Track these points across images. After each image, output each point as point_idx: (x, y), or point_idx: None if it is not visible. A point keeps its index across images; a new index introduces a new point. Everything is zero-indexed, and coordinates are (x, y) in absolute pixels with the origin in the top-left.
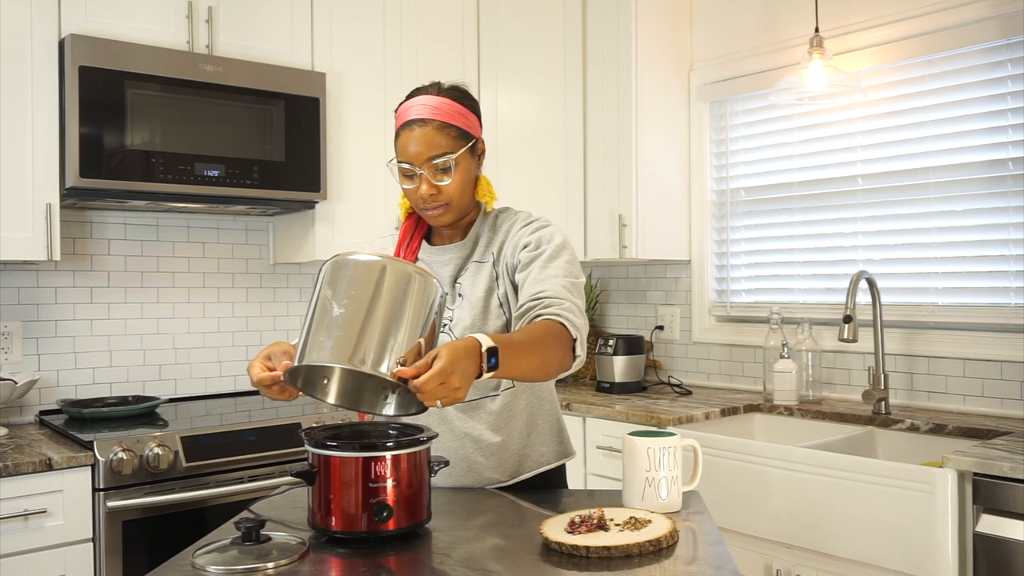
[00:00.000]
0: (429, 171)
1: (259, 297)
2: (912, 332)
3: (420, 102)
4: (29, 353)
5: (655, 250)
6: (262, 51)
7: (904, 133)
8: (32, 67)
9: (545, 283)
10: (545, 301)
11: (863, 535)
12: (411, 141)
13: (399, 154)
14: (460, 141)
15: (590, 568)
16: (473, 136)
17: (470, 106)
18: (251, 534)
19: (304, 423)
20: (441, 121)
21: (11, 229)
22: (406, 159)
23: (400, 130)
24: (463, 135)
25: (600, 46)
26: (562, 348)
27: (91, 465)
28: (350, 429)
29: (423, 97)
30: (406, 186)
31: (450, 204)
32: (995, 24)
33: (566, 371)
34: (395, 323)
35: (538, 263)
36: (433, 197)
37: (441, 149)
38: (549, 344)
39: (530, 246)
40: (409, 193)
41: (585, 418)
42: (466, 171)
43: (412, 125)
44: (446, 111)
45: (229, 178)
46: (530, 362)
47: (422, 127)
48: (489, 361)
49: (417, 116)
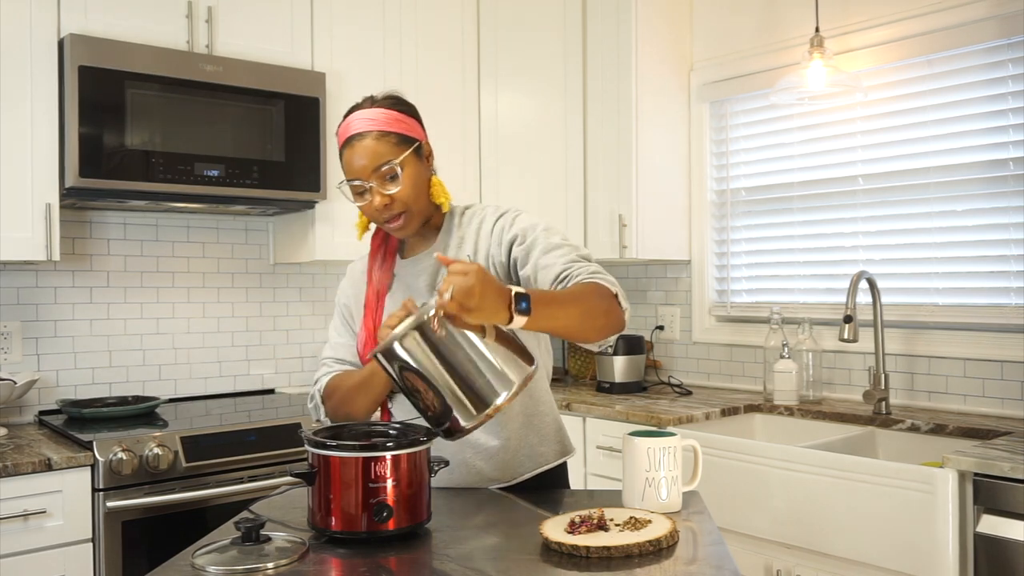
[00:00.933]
0: (377, 182)
1: (259, 297)
2: (912, 332)
3: (357, 117)
4: (29, 353)
5: (655, 250)
6: (262, 51)
7: (904, 133)
8: (32, 67)
9: (557, 266)
10: (565, 274)
11: (863, 535)
12: (354, 156)
13: (346, 172)
14: (402, 146)
15: (590, 568)
16: (415, 139)
17: (407, 111)
18: (251, 534)
19: (304, 423)
20: (379, 131)
21: (11, 229)
22: (352, 175)
23: (342, 150)
24: (404, 140)
25: (600, 46)
26: (605, 299)
27: (91, 465)
28: (350, 429)
29: (358, 112)
30: (359, 204)
31: (407, 211)
32: (995, 24)
33: (620, 326)
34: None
35: (536, 251)
36: (387, 208)
37: (384, 158)
38: (589, 296)
39: (518, 239)
40: (365, 210)
41: (585, 418)
42: (415, 175)
43: (352, 141)
44: (383, 120)
45: (229, 178)
46: (571, 312)
47: (361, 140)
48: (519, 305)
49: (356, 131)
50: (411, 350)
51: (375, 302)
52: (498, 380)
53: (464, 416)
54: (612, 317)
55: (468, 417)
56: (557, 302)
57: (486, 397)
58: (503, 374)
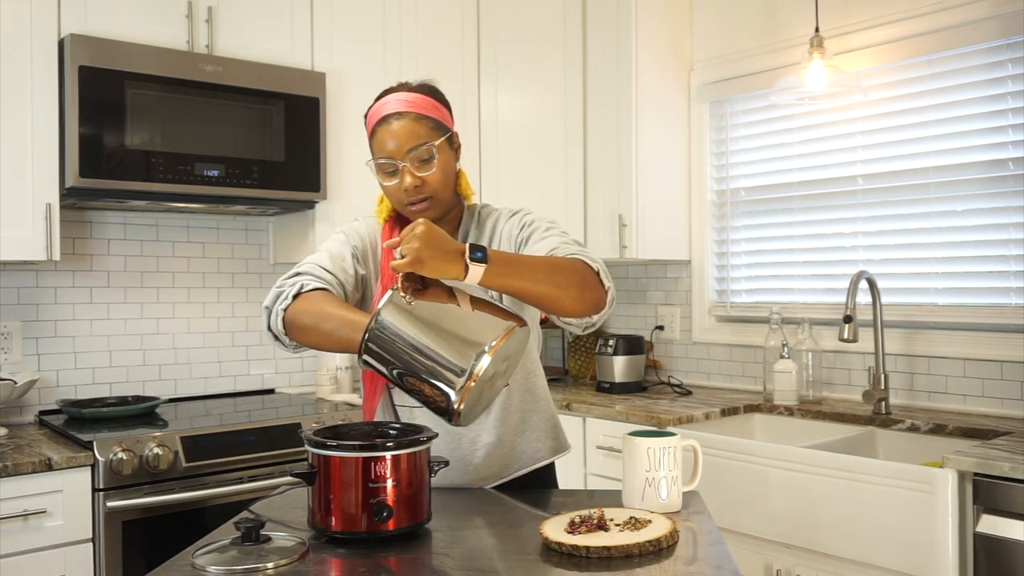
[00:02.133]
0: (411, 163)
1: (259, 297)
2: (912, 332)
3: (393, 98)
4: (29, 353)
5: (655, 250)
6: (262, 51)
7: (904, 133)
8: (32, 67)
9: (547, 247)
10: (552, 252)
11: (863, 535)
12: (389, 135)
13: (377, 151)
14: (438, 131)
15: (590, 568)
16: (448, 128)
17: (442, 101)
18: (251, 534)
19: (304, 423)
20: (417, 113)
21: (11, 229)
22: (385, 154)
23: (376, 127)
24: (439, 126)
25: (600, 47)
26: (582, 271)
27: (91, 465)
28: (350, 429)
29: (394, 94)
30: (387, 183)
31: (434, 197)
32: (995, 24)
33: (599, 302)
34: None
35: (534, 237)
36: (418, 189)
37: (421, 139)
38: (563, 264)
39: (524, 229)
40: (391, 190)
41: (585, 418)
42: (447, 162)
43: (388, 120)
44: (420, 104)
45: (229, 178)
46: (538, 273)
47: (399, 119)
48: (474, 254)
49: (392, 110)
50: (388, 327)
51: (395, 278)
52: (474, 339)
53: (450, 384)
54: (589, 289)
55: (454, 383)
56: (522, 260)
57: (464, 357)
58: (480, 331)
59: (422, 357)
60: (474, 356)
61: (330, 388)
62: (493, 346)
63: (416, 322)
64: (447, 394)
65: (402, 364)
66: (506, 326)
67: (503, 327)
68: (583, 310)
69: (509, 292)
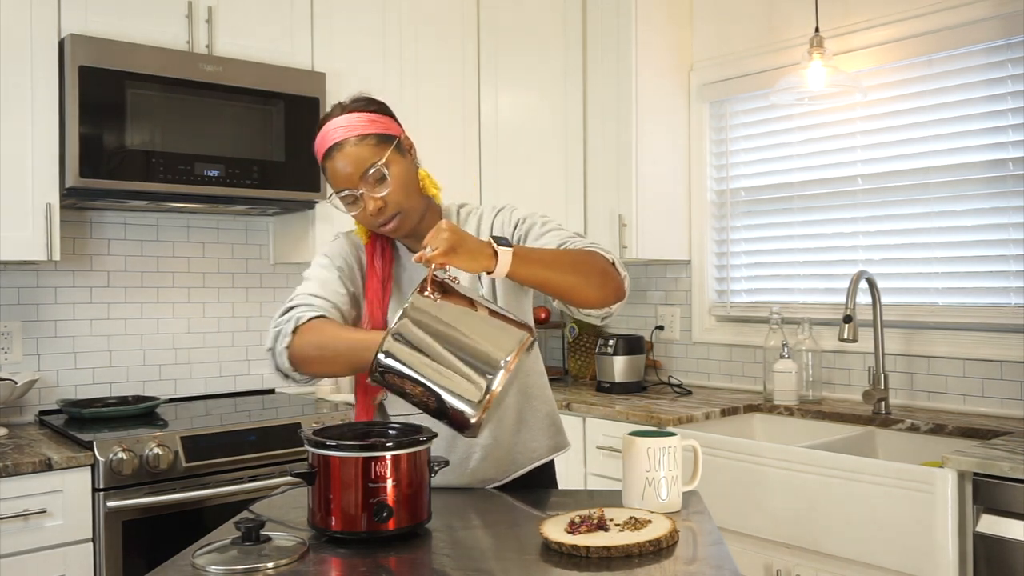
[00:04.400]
0: (366, 187)
1: (259, 297)
2: (912, 332)
3: (331, 127)
4: (29, 353)
5: (655, 250)
6: (262, 51)
7: (904, 133)
8: (32, 67)
9: (554, 242)
10: (562, 246)
11: (863, 535)
12: (337, 166)
13: (333, 185)
14: (383, 146)
15: (590, 568)
16: (394, 136)
17: (379, 109)
18: (251, 534)
19: (304, 423)
20: (357, 135)
21: (11, 229)
22: (340, 185)
23: (324, 163)
24: (384, 139)
25: (600, 46)
26: (601, 261)
27: (91, 465)
28: (350, 429)
29: (331, 123)
30: (353, 213)
31: (400, 211)
32: (995, 24)
33: (619, 290)
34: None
35: (534, 232)
36: (381, 211)
37: (368, 161)
38: (582, 255)
39: (517, 227)
40: (360, 218)
41: (585, 418)
42: (402, 172)
43: (331, 152)
44: (357, 124)
45: (229, 178)
46: (562, 261)
47: (340, 149)
48: (500, 242)
49: (333, 141)
50: (410, 333)
51: (381, 291)
52: (493, 352)
53: (469, 402)
54: (609, 278)
55: (474, 397)
56: (544, 251)
57: (484, 373)
58: (499, 342)
59: (443, 367)
60: (494, 373)
61: (330, 388)
62: (509, 362)
63: (438, 327)
64: (463, 411)
65: (421, 373)
66: (521, 337)
67: (519, 338)
68: (605, 299)
69: (535, 283)
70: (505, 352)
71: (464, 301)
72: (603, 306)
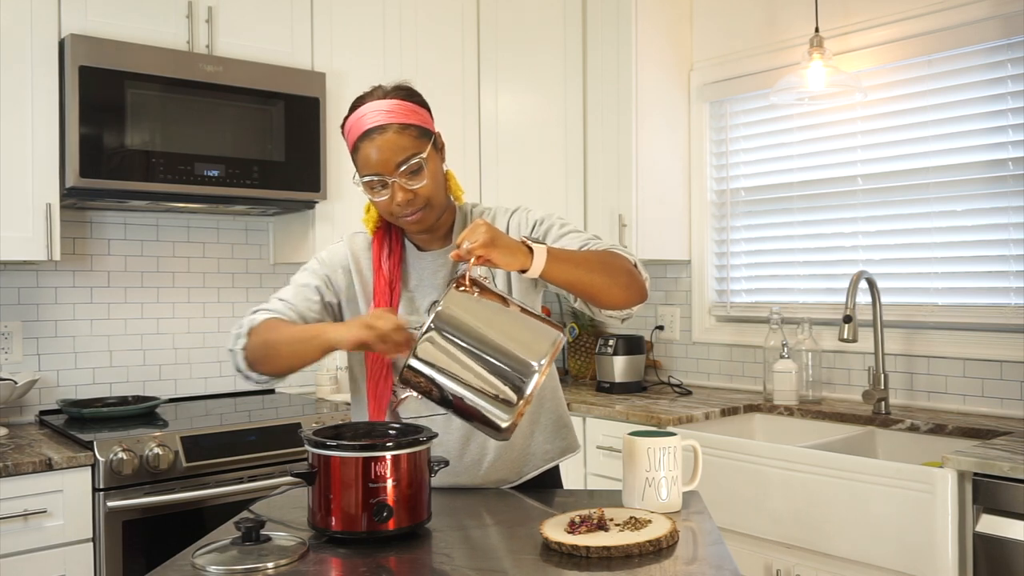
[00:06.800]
0: (401, 177)
1: (259, 297)
2: (912, 332)
3: (371, 109)
4: (29, 353)
5: (655, 250)
6: (262, 51)
7: (904, 133)
8: (32, 67)
9: (575, 244)
10: (583, 247)
11: (863, 535)
12: (374, 151)
13: (362, 168)
14: (423, 140)
15: (590, 568)
16: (431, 132)
17: (420, 102)
18: (251, 534)
19: (304, 423)
20: (399, 123)
21: (11, 229)
22: (373, 171)
23: (358, 143)
24: (424, 133)
25: (600, 46)
26: (625, 262)
27: (91, 465)
28: (350, 429)
29: (372, 104)
30: (378, 199)
31: (428, 205)
32: (995, 24)
33: (643, 291)
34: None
35: (553, 233)
36: (410, 203)
37: (408, 152)
38: (607, 256)
39: (535, 229)
40: (382, 205)
41: (585, 418)
42: (435, 169)
43: (371, 134)
44: (400, 112)
45: (229, 178)
46: (591, 261)
47: (382, 134)
48: (532, 239)
49: (374, 124)
50: (446, 329)
51: (388, 292)
52: (530, 347)
53: (504, 406)
54: (634, 279)
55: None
56: (574, 252)
57: (526, 364)
58: (534, 342)
59: (479, 367)
60: (529, 377)
61: (330, 388)
62: (544, 365)
63: (474, 324)
64: (498, 416)
65: (455, 374)
66: (554, 337)
67: (552, 338)
68: (630, 300)
69: (566, 282)
70: (539, 355)
71: (498, 299)
72: (628, 307)
